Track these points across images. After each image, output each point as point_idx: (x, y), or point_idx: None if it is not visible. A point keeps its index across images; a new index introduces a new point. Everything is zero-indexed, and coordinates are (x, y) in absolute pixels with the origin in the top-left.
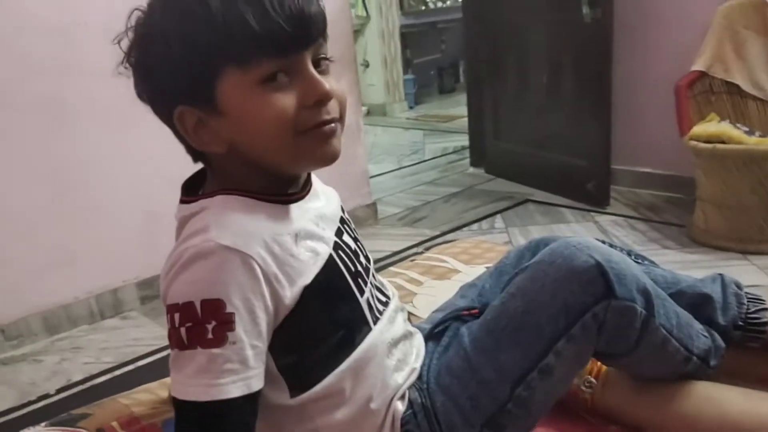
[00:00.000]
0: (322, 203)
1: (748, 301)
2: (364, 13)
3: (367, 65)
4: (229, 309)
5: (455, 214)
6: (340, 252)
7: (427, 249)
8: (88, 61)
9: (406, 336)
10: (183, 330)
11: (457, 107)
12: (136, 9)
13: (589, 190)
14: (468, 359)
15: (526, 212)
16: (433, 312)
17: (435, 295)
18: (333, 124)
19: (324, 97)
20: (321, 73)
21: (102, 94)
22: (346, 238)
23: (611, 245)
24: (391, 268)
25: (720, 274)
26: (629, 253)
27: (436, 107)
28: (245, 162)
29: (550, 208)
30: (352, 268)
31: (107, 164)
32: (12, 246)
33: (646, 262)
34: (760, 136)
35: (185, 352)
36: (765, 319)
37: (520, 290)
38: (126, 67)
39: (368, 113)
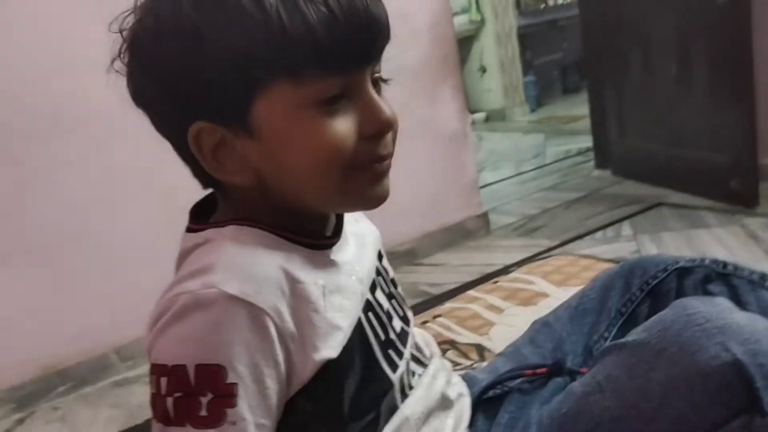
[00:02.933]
0: (353, 251)
1: None
2: (479, 17)
3: (484, 70)
4: (231, 379)
5: (577, 222)
6: (371, 314)
7: (520, 266)
8: None
9: (443, 406)
10: (170, 400)
11: (582, 107)
12: None
13: (732, 189)
14: None
15: (659, 217)
16: (497, 356)
17: (515, 325)
18: (387, 161)
19: (386, 128)
20: (376, 92)
21: None
22: (379, 295)
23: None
24: (470, 292)
25: None
26: (763, 278)
27: (559, 108)
28: (270, 198)
29: (688, 212)
30: (382, 336)
31: None
32: (135, 269)
33: None
34: None
35: (171, 429)
36: None
37: (610, 383)
38: (122, 61)
39: (487, 119)
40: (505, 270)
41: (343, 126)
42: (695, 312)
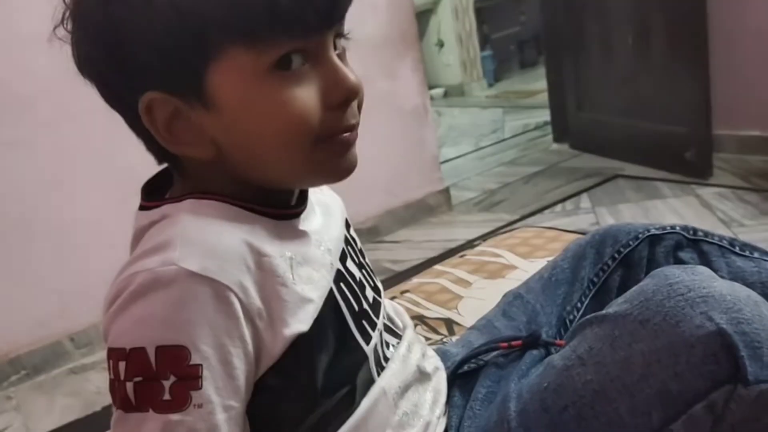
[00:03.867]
0: (320, 220)
1: None
2: None
3: (441, 45)
4: (194, 360)
5: (536, 196)
6: (342, 285)
7: (484, 240)
8: None
9: (420, 379)
10: (130, 385)
11: (540, 81)
12: None
13: (687, 160)
14: None
15: (616, 189)
16: (469, 329)
17: (484, 299)
18: (354, 132)
19: (352, 94)
20: (339, 57)
21: None
22: (350, 264)
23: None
24: (437, 267)
25: None
26: (732, 244)
27: (517, 83)
28: (230, 171)
29: (644, 183)
30: (356, 307)
31: None
32: (86, 253)
33: (756, 255)
34: None
35: (132, 415)
36: None
37: (592, 356)
38: (66, 29)
39: (446, 94)
40: (468, 245)
41: (306, 94)
42: (677, 281)
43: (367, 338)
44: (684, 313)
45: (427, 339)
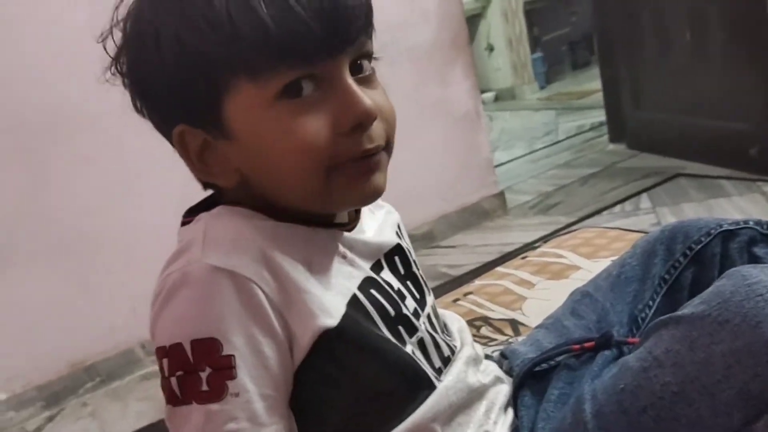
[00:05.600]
0: (363, 228)
1: None
2: None
3: (491, 49)
4: (226, 351)
5: (593, 197)
6: (374, 291)
7: (545, 242)
8: None
9: (473, 397)
10: (174, 380)
11: (593, 82)
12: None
13: (752, 157)
14: None
15: (678, 188)
16: (536, 328)
17: (549, 299)
18: (376, 156)
19: (364, 119)
20: (364, 81)
21: None
22: (386, 275)
23: None
24: (499, 269)
25: None
26: None
27: (569, 84)
28: (260, 197)
29: (707, 182)
30: (391, 312)
31: None
32: (153, 262)
33: None
34: None
35: (179, 408)
36: None
37: (670, 357)
38: (113, 74)
39: (496, 98)
40: (525, 248)
41: (314, 121)
42: (756, 281)
43: (402, 343)
44: (764, 314)
45: (493, 340)
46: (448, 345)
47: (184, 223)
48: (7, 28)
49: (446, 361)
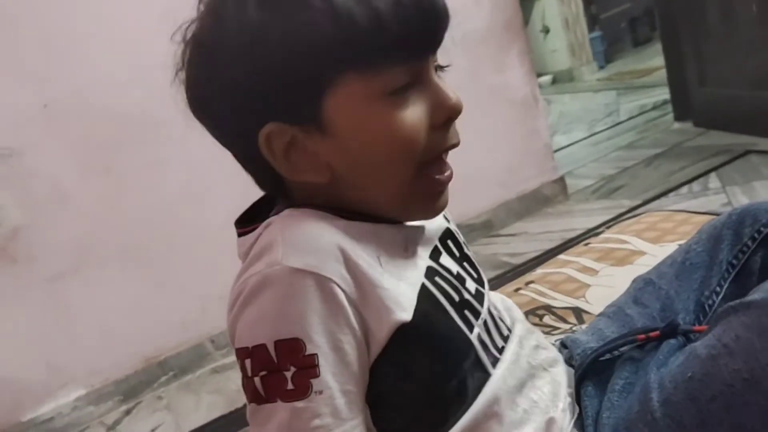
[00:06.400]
0: (422, 223)
1: None
2: None
3: (547, 31)
4: (309, 350)
5: (659, 179)
6: (438, 279)
7: (608, 227)
8: None
9: (535, 374)
10: (258, 380)
11: (655, 59)
12: None
13: None
14: (657, 429)
15: (749, 166)
16: (598, 316)
17: (613, 286)
18: (450, 172)
19: (455, 114)
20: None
21: None
22: (444, 260)
23: None
24: (560, 257)
25: None
26: None
27: (630, 62)
28: (338, 195)
29: None
30: (456, 298)
31: None
32: (221, 260)
33: None
34: None
35: (264, 406)
36: None
37: (740, 345)
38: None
39: (554, 81)
40: (588, 234)
41: (415, 116)
42: None
43: (470, 327)
44: None
45: (556, 329)
46: (504, 323)
47: (242, 233)
48: (82, 46)
49: (505, 339)
